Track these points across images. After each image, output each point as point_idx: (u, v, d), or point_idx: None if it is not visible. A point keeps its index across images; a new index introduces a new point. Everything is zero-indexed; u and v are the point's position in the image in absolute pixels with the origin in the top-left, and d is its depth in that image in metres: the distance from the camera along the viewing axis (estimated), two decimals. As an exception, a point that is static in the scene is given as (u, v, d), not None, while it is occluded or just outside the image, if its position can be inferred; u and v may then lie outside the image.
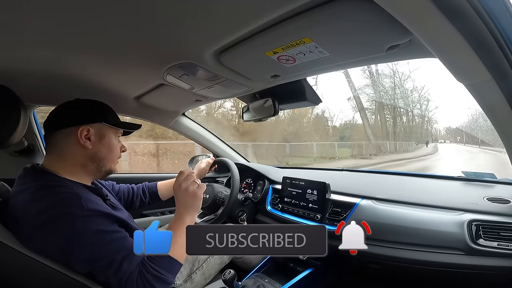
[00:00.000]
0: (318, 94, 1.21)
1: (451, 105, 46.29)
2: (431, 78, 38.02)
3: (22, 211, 0.65)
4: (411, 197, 1.09)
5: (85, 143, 0.76)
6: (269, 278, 1.18)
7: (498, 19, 0.46)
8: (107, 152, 0.82)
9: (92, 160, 0.79)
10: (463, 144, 23.40)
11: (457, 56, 0.56)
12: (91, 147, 0.78)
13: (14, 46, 0.70)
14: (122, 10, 0.56)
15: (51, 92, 1.02)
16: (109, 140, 0.82)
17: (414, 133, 23.51)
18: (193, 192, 0.84)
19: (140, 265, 0.69)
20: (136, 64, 0.86)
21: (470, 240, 0.85)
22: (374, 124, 19.23)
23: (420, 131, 24.42)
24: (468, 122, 21.22)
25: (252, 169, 1.67)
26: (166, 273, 0.71)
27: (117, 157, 0.86)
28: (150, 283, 0.68)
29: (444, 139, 28.80)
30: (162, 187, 1.27)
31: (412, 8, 0.45)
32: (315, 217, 1.18)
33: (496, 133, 0.73)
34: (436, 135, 28.04)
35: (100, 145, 0.80)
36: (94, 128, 0.78)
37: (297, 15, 0.58)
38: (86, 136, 0.77)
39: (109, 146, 0.82)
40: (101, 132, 0.80)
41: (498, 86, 0.57)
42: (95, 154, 0.79)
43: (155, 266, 0.70)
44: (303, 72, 0.90)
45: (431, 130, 27.04)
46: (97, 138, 0.79)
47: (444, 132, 29.65)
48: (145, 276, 0.68)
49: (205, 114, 12.10)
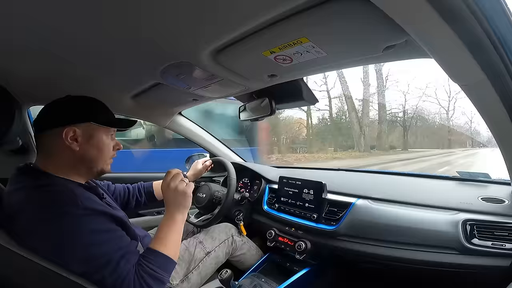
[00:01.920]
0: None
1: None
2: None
3: (17, 211, 0.64)
4: (406, 196, 1.10)
5: (71, 145, 0.73)
6: (265, 277, 1.18)
7: (493, 19, 0.46)
8: (96, 153, 0.79)
9: (81, 161, 0.77)
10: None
11: (452, 57, 0.56)
12: (78, 148, 0.75)
13: (8, 45, 0.69)
14: (118, 8, 0.55)
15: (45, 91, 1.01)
16: (99, 140, 0.79)
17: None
18: (183, 190, 0.83)
19: (136, 265, 0.69)
20: (132, 63, 0.85)
21: (464, 240, 0.86)
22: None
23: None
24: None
25: (248, 169, 1.67)
26: (162, 272, 0.72)
27: (109, 156, 0.83)
28: (147, 283, 0.68)
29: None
30: (157, 187, 1.26)
31: (408, 8, 0.46)
32: (311, 216, 1.18)
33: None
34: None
35: (88, 146, 0.77)
36: (81, 128, 0.75)
37: (294, 15, 0.58)
38: (73, 137, 0.74)
39: (98, 147, 0.79)
40: (89, 132, 0.77)
41: (493, 87, 0.57)
42: (84, 155, 0.77)
43: (152, 265, 0.70)
44: (300, 71, 0.90)
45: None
46: (85, 139, 0.76)
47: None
48: (142, 276, 0.68)
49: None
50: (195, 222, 1.32)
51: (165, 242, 0.76)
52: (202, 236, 1.21)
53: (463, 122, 21.78)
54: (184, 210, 0.84)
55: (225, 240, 1.25)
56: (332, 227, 1.11)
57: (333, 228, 1.10)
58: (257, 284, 1.13)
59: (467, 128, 21.17)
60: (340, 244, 1.08)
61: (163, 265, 0.73)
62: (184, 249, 1.11)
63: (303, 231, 1.22)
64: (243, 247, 1.32)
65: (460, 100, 20.01)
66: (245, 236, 1.37)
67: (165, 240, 0.77)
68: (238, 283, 1.06)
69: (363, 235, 1.04)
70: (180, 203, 0.83)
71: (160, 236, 0.78)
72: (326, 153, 16.40)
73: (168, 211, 0.82)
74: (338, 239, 1.09)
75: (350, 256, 1.08)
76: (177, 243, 0.80)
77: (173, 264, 0.77)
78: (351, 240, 1.06)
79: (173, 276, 1.00)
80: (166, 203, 0.83)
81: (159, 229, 0.80)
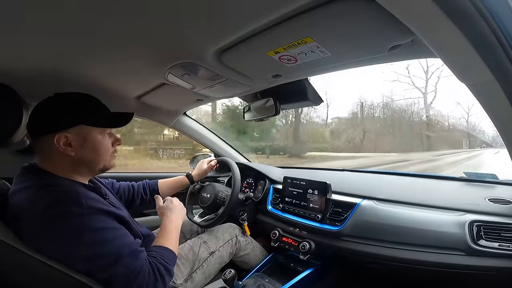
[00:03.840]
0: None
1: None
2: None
3: (22, 211, 0.65)
4: (412, 197, 1.09)
5: (65, 151, 0.71)
6: (269, 277, 1.18)
7: (500, 18, 0.46)
8: (94, 155, 0.76)
9: (80, 163, 0.75)
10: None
11: (459, 56, 0.55)
12: (74, 153, 0.72)
13: (16, 45, 0.70)
14: (124, 9, 0.56)
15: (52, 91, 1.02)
16: (94, 142, 0.75)
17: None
18: (173, 208, 1.02)
19: (149, 257, 0.74)
20: (137, 63, 0.86)
21: (471, 241, 0.85)
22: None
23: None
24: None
25: (253, 169, 1.67)
26: (171, 264, 0.79)
27: (109, 154, 0.80)
28: (161, 273, 0.73)
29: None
30: (163, 185, 1.28)
31: (414, 8, 0.45)
32: (315, 217, 1.18)
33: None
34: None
35: (83, 149, 0.73)
36: (72, 133, 0.71)
37: (298, 14, 0.58)
38: (66, 143, 0.71)
39: (94, 148, 0.76)
40: (82, 136, 0.73)
41: (500, 86, 0.57)
42: (81, 158, 0.74)
43: (163, 257, 0.77)
44: (304, 72, 0.90)
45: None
46: (79, 142, 0.72)
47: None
48: (157, 267, 0.73)
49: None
50: (199, 222, 1.32)
51: (167, 237, 0.89)
52: (206, 236, 1.21)
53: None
54: (181, 216, 1.03)
55: (229, 240, 1.25)
56: (337, 228, 1.10)
57: (338, 229, 1.10)
58: (260, 284, 1.12)
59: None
60: (345, 244, 1.08)
61: (171, 257, 0.81)
62: (188, 248, 1.11)
63: (307, 231, 1.22)
64: (247, 247, 1.32)
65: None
66: (249, 236, 1.37)
67: (167, 237, 0.89)
68: (242, 283, 1.06)
69: (368, 236, 1.04)
70: (176, 215, 1.00)
71: (162, 234, 0.90)
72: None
73: (165, 221, 0.96)
74: (343, 240, 1.09)
75: (354, 256, 1.08)
76: (176, 239, 0.92)
77: (176, 257, 0.86)
78: (355, 240, 1.06)
79: (177, 275, 1.01)
80: (163, 219, 0.98)
81: (160, 229, 0.93)
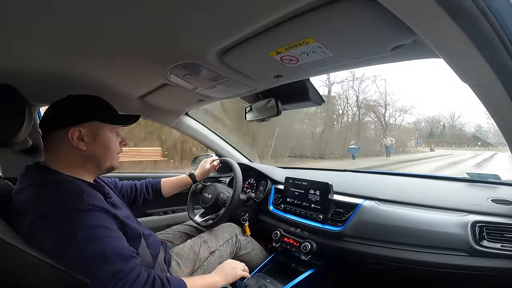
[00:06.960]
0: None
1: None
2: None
3: (25, 209, 0.65)
4: (414, 198, 1.09)
5: (78, 145, 0.75)
6: (271, 278, 1.18)
7: (503, 19, 0.46)
8: (103, 151, 0.81)
9: (89, 159, 0.79)
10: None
11: (462, 57, 0.55)
12: (86, 148, 0.76)
13: (19, 46, 0.71)
14: (126, 10, 0.56)
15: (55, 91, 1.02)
16: (104, 138, 0.81)
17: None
18: (229, 273, 0.95)
19: (156, 274, 0.72)
20: (139, 64, 0.86)
21: (473, 242, 0.85)
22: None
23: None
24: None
25: (254, 169, 1.67)
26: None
27: (116, 153, 0.85)
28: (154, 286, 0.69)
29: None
30: (165, 184, 1.29)
31: (416, 8, 0.45)
32: (317, 217, 1.18)
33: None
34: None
35: (94, 145, 0.78)
36: (85, 128, 0.76)
37: (300, 15, 0.58)
38: (79, 137, 0.75)
39: (104, 144, 0.81)
40: (94, 131, 0.78)
41: (503, 87, 0.57)
42: (91, 154, 0.78)
43: (170, 281, 0.73)
44: (306, 72, 0.90)
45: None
46: (91, 138, 0.78)
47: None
48: (155, 279, 0.70)
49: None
50: (200, 222, 1.33)
51: (195, 282, 0.83)
52: (206, 236, 1.21)
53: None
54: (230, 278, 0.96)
55: (229, 239, 1.25)
56: (338, 228, 1.10)
57: (339, 229, 1.10)
58: (262, 284, 1.12)
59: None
60: (346, 245, 1.08)
61: (178, 285, 0.76)
62: (189, 248, 1.12)
63: (309, 232, 1.22)
64: (247, 246, 1.32)
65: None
66: (249, 236, 1.37)
67: (198, 282, 0.84)
68: (243, 283, 1.06)
69: (370, 237, 1.03)
70: (229, 275, 0.94)
71: (197, 279, 0.87)
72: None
73: (215, 275, 0.92)
74: (344, 240, 1.08)
75: (356, 257, 1.08)
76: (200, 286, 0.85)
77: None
78: (357, 241, 1.06)
79: (178, 275, 1.01)
80: (216, 272, 0.95)
81: (200, 277, 0.90)
